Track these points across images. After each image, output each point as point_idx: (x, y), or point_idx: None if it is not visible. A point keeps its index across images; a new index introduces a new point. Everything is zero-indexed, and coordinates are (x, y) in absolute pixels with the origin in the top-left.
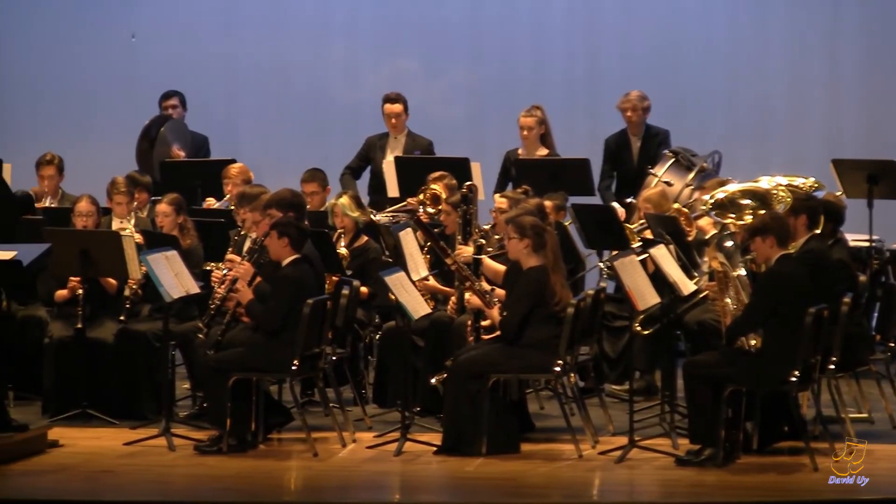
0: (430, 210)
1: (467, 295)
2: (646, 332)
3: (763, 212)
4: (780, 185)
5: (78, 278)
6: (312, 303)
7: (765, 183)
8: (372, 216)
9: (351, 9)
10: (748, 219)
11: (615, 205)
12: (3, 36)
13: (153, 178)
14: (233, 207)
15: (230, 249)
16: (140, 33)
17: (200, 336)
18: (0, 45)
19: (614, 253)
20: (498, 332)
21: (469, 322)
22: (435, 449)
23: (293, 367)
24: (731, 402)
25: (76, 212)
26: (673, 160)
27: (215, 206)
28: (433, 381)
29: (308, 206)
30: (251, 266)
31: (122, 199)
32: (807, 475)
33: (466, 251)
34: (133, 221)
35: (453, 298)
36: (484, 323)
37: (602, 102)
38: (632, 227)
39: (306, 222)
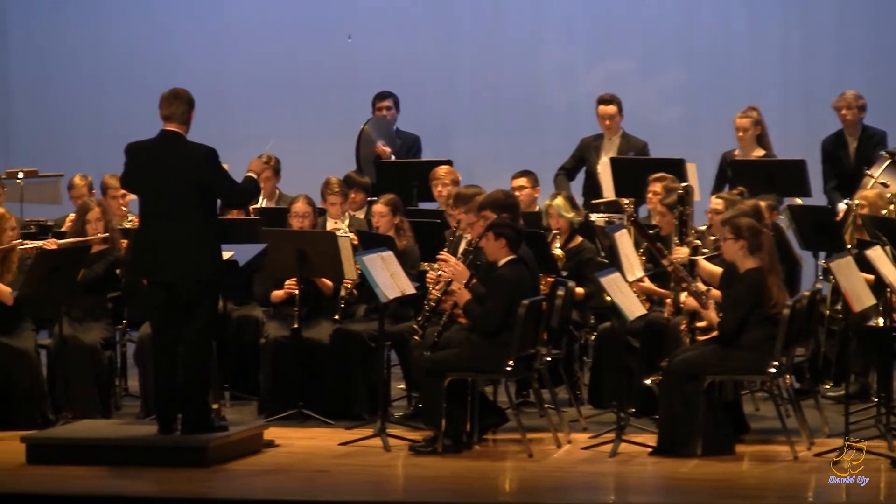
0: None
1: (683, 296)
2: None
3: None
4: None
5: (294, 279)
6: (528, 303)
7: None
8: (588, 217)
9: (566, 10)
10: None
11: (841, 205)
12: (221, 37)
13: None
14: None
15: (445, 250)
16: (356, 34)
17: (416, 337)
18: (217, 47)
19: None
20: (713, 334)
21: (684, 323)
22: (650, 450)
23: (508, 368)
24: None
25: (292, 212)
26: (889, 161)
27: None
28: (648, 381)
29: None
30: (466, 268)
31: (335, 199)
32: None
33: (682, 252)
34: (347, 222)
35: (669, 300)
36: (699, 324)
37: (817, 102)
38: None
39: (521, 222)
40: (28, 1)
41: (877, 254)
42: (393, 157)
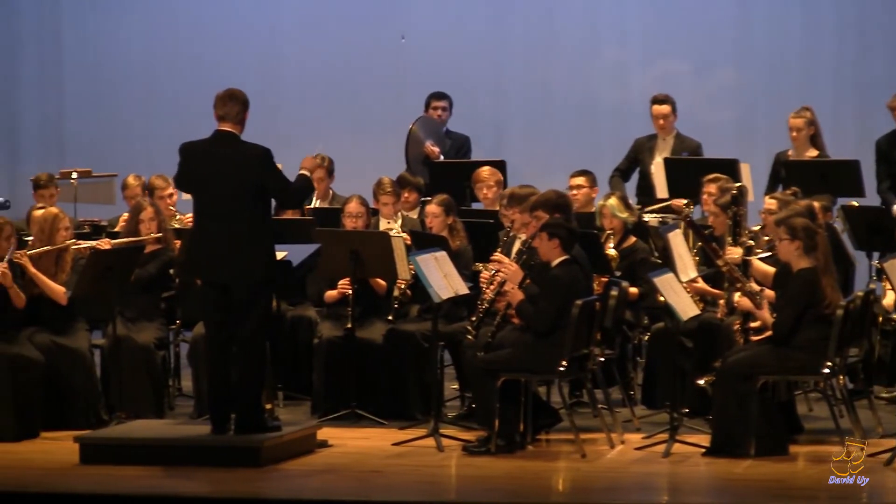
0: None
1: (737, 296)
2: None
3: None
4: None
5: (348, 279)
6: (581, 304)
7: None
8: (641, 217)
9: (619, 10)
10: None
11: None
12: (273, 38)
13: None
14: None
15: (499, 250)
16: (409, 34)
17: (469, 337)
18: (270, 47)
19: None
20: (767, 334)
21: (738, 323)
22: (703, 450)
23: (561, 368)
24: None
25: (346, 212)
26: None
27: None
28: (701, 382)
29: (575, 203)
30: (520, 268)
31: (388, 199)
32: None
33: (736, 252)
34: (399, 222)
35: (722, 300)
36: (753, 324)
37: (871, 102)
38: None
39: (574, 223)
40: (82, 3)
41: None
42: (442, 158)
